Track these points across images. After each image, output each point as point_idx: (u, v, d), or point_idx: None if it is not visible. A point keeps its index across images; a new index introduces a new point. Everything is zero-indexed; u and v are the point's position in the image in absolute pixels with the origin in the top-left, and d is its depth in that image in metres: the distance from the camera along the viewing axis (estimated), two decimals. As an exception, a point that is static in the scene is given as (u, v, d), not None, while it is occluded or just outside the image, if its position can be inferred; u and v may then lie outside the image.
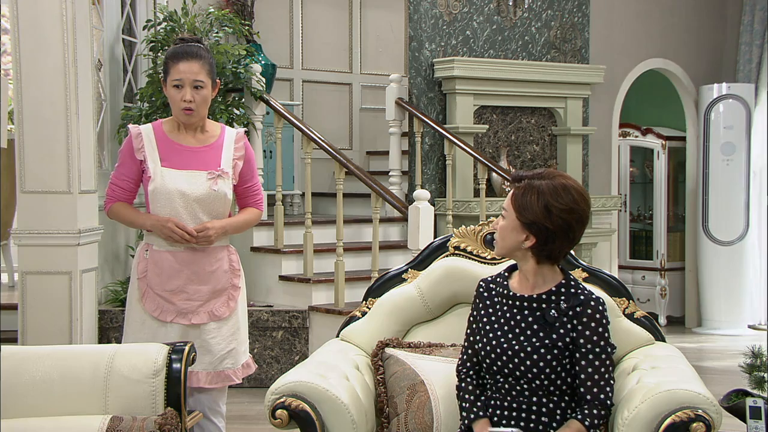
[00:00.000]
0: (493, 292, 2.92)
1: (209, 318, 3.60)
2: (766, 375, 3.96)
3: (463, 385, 2.92)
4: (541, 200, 2.74)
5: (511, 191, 2.83)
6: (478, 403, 2.86)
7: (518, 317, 2.83)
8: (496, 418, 2.82)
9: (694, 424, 2.64)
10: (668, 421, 2.65)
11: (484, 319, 2.89)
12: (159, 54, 6.28)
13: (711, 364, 7.16)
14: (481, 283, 2.98)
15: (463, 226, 3.44)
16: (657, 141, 9.05)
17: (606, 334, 2.79)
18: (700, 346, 7.99)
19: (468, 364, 2.93)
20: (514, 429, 2.70)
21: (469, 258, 3.35)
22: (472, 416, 2.85)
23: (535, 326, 2.80)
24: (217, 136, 3.65)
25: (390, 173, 7.24)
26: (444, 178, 6.98)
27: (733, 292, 8.49)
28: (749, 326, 8.49)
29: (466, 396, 2.89)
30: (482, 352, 2.86)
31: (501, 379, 2.82)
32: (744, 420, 3.61)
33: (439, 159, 7.05)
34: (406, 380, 3.07)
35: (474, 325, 2.93)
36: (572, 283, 2.84)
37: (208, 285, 3.60)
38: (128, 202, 3.65)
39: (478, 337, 2.89)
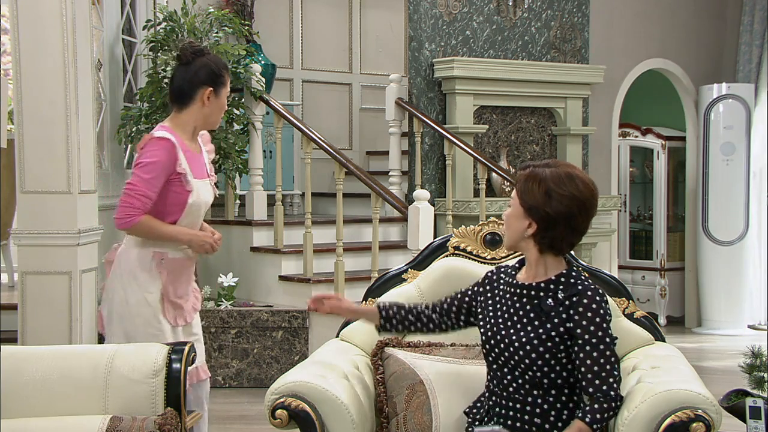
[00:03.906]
0: (501, 281, 2.91)
1: (194, 312, 3.70)
2: (766, 375, 3.96)
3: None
4: (542, 185, 2.73)
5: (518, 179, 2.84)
6: (394, 308, 3.02)
7: (517, 305, 2.81)
8: (494, 415, 2.80)
9: (694, 424, 2.64)
10: (668, 421, 2.65)
11: (489, 308, 2.88)
12: (159, 54, 6.27)
13: (711, 364, 7.16)
14: (492, 269, 2.98)
15: (463, 226, 3.44)
16: (657, 141, 9.05)
17: (604, 325, 2.72)
18: (700, 346, 7.99)
19: (436, 302, 3.05)
20: (497, 427, 2.69)
21: (469, 258, 3.35)
22: (381, 305, 3.03)
23: (531, 315, 2.77)
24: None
25: (390, 173, 7.23)
26: (444, 178, 6.97)
27: (733, 292, 8.49)
28: (749, 326, 8.48)
29: (407, 305, 3.04)
30: (484, 340, 2.85)
31: (498, 372, 2.81)
32: (744, 420, 3.61)
33: (439, 159, 7.05)
34: (405, 380, 3.07)
35: (480, 314, 2.92)
36: (573, 273, 2.80)
37: (192, 282, 3.72)
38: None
39: (482, 323, 2.89)
